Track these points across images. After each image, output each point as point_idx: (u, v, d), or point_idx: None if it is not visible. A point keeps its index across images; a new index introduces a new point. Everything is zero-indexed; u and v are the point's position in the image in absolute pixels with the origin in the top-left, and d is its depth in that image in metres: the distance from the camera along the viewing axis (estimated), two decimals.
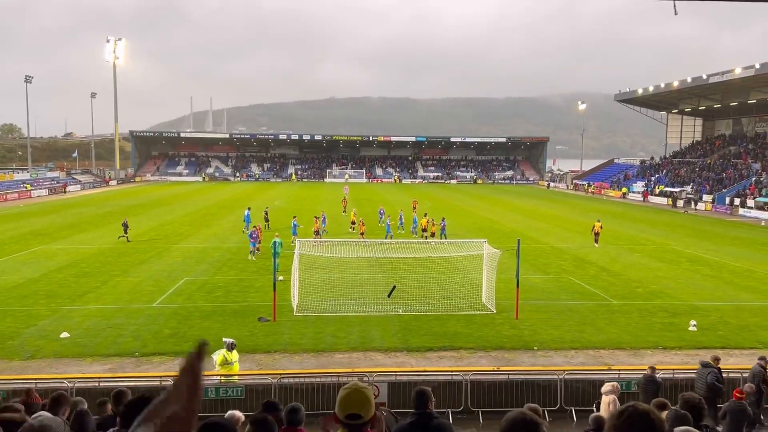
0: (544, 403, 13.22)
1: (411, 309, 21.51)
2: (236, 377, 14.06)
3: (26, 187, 72.48)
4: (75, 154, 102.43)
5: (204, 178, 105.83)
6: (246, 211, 39.99)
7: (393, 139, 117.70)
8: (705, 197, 66.39)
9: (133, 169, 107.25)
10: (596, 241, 35.91)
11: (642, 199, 74.51)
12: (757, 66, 60.94)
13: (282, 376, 13.94)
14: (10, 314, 20.60)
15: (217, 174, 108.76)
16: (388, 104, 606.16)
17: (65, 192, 77.68)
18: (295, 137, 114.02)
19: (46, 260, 30.23)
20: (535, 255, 32.66)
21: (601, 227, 36.40)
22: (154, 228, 42.14)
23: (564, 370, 14.20)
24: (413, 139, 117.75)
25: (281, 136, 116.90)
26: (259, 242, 31.61)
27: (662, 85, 78.63)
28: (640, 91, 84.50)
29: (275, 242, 24.40)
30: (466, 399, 13.74)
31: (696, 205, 65.04)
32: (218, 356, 14.16)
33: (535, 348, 17.88)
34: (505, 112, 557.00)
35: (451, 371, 14.36)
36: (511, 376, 13.91)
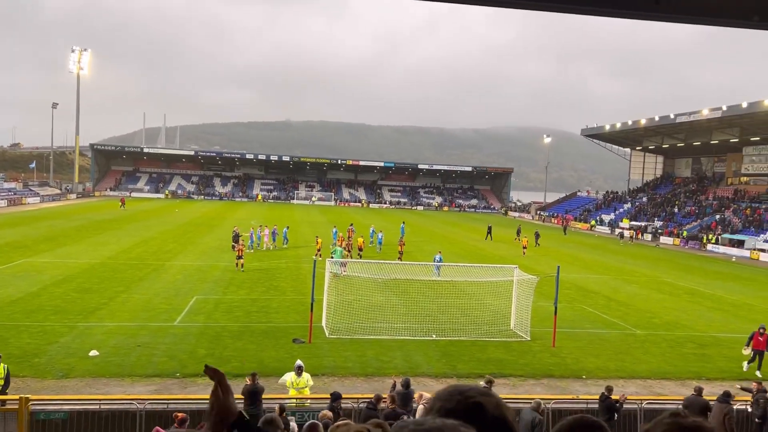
0: None
1: (442, 334, 21.17)
2: (309, 401, 13.37)
3: None
4: (32, 165, 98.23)
5: (167, 195, 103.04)
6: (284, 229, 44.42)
7: (361, 163, 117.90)
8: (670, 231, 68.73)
9: (91, 183, 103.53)
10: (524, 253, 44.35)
11: (609, 231, 76.39)
12: (724, 108, 63.85)
13: (360, 400, 13.29)
14: (23, 330, 19.25)
15: (179, 191, 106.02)
16: (344, 129, 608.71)
17: (24, 204, 74.31)
18: (262, 157, 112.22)
19: (37, 274, 28.60)
20: (539, 283, 32.73)
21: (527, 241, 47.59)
22: (138, 244, 40.58)
23: (642, 400, 14.10)
24: (381, 164, 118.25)
25: (248, 155, 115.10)
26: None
27: (630, 123, 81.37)
28: (607, 127, 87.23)
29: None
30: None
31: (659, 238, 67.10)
32: (287, 380, 13.58)
33: (584, 376, 17.79)
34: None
35: (521, 398, 14.03)
36: (589, 405, 13.70)
